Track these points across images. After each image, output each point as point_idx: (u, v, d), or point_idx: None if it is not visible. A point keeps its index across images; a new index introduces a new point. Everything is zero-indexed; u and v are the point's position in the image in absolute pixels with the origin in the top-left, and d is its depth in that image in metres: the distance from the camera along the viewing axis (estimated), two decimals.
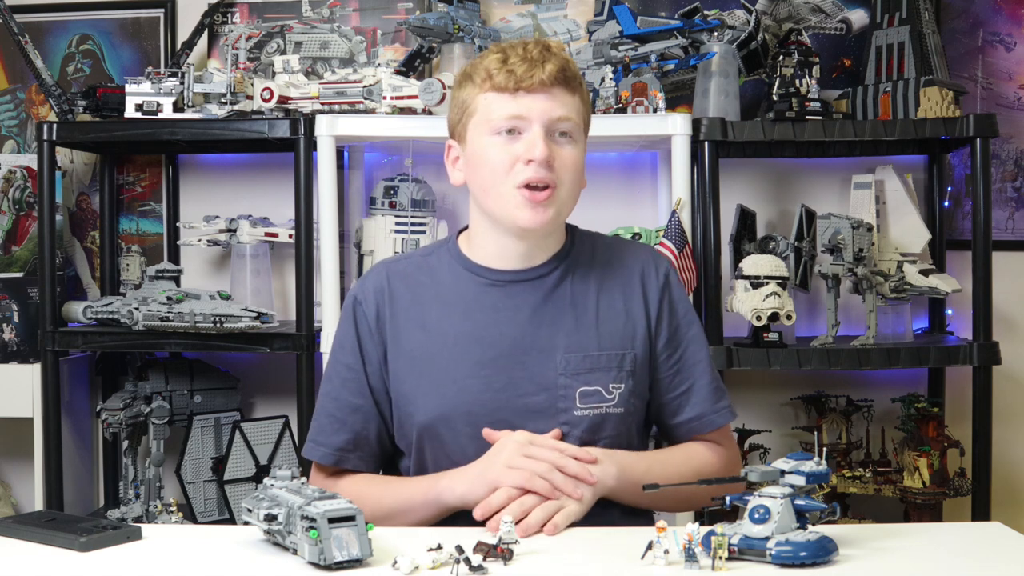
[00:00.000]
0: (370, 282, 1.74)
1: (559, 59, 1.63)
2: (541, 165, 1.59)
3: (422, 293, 1.71)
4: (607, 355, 1.66)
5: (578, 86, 1.65)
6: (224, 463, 2.89)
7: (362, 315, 1.72)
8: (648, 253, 1.78)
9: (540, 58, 1.61)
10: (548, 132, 1.61)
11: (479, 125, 1.64)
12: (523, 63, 1.60)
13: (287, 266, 3.01)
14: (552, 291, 1.68)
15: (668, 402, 1.72)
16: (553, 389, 1.63)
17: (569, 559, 1.39)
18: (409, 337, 1.69)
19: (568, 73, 1.63)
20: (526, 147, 1.60)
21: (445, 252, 1.75)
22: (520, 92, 1.60)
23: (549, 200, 1.61)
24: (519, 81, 1.60)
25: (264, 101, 2.73)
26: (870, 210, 2.75)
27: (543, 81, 1.60)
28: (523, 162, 1.60)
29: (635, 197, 3.02)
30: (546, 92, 1.61)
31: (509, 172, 1.61)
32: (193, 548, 1.47)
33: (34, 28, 3.05)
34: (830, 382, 2.95)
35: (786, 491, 1.35)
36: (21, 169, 3.04)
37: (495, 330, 1.66)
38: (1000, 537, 1.50)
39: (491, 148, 1.63)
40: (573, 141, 1.64)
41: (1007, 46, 3.00)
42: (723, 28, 2.83)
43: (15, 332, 2.90)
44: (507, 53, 1.63)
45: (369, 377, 1.70)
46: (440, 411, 1.65)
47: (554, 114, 1.61)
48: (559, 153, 1.62)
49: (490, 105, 1.62)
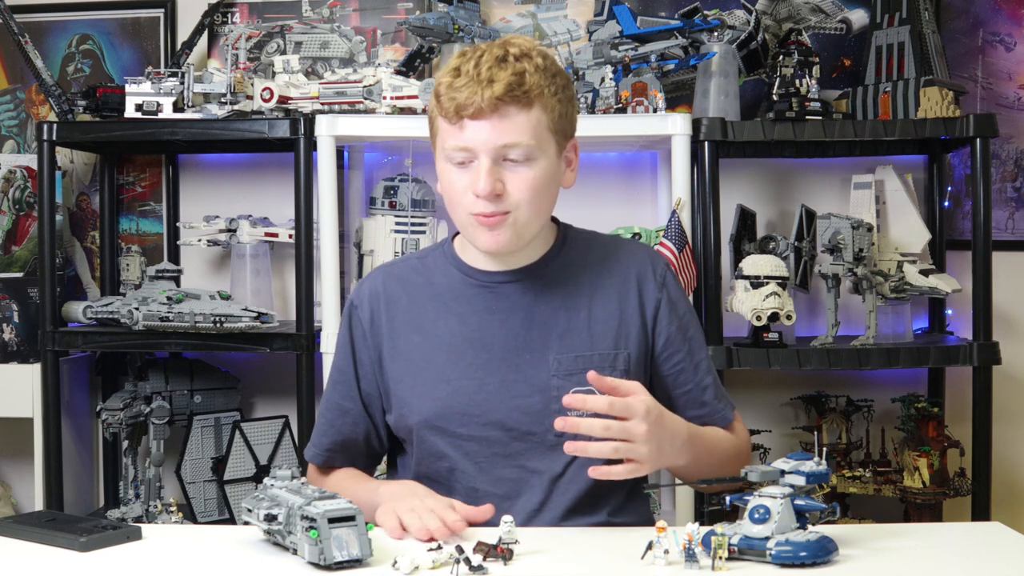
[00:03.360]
0: (366, 287, 1.75)
1: (510, 74, 1.53)
2: (488, 200, 1.56)
3: (418, 295, 1.72)
4: (599, 355, 1.65)
5: (537, 97, 1.56)
6: (224, 463, 2.89)
7: (357, 320, 1.73)
8: (645, 252, 1.76)
9: (488, 76, 1.53)
10: (496, 160, 1.56)
11: (439, 148, 1.62)
12: (468, 85, 1.53)
13: (287, 266, 3.01)
14: (544, 292, 1.68)
15: (672, 402, 1.71)
16: (546, 391, 1.63)
17: (569, 559, 1.39)
18: (406, 339, 1.69)
19: (520, 89, 1.54)
20: (472, 181, 1.56)
21: (440, 254, 1.75)
22: (464, 120, 1.54)
23: (502, 223, 1.58)
24: (461, 108, 1.53)
25: (264, 101, 2.73)
26: (870, 210, 2.75)
27: (486, 107, 1.52)
28: (472, 193, 1.57)
29: (635, 197, 3.02)
30: (490, 118, 1.54)
31: (462, 200, 1.59)
32: (193, 548, 1.47)
33: (34, 28, 3.05)
34: (830, 382, 2.95)
35: (786, 491, 1.35)
36: (21, 169, 3.04)
37: (488, 332, 1.66)
38: (1000, 537, 1.50)
39: (447, 174, 1.61)
40: (530, 161, 1.57)
41: (1007, 46, 3.00)
42: (723, 28, 2.83)
43: (15, 332, 2.90)
44: (460, 69, 1.55)
45: (360, 381, 1.72)
46: (435, 412, 1.65)
47: (500, 142, 1.54)
48: (510, 178, 1.57)
49: (442, 132, 1.59)
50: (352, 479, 1.76)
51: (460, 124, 1.55)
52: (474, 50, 1.58)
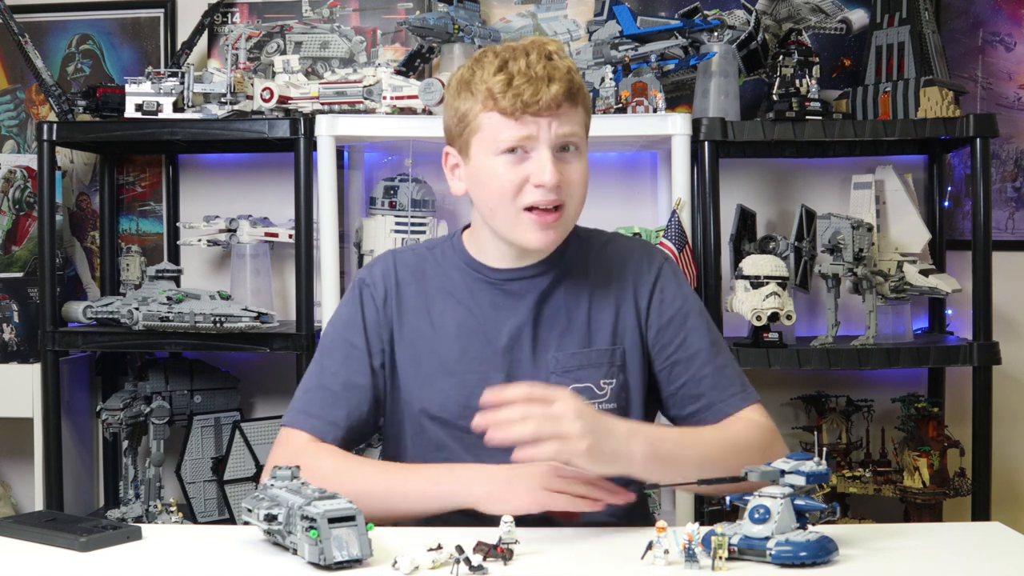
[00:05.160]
0: (378, 268, 1.74)
1: (563, 72, 1.58)
2: (551, 190, 1.57)
3: (426, 285, 1.72)
4: (597, 351, 1.67)
5: (582, 96, 1.62)
6: (224, 463, 2.89)
7: (369, 297, 1.71)
8: (643, 248, 1.77)
9: (545, 75, 1.56)
10: (555, 150, 1.59)
11: (483, 143, 1.61)
12: (528, 84, 1.55)
13: (287, 266, 3.01)
14: (548, 291, 1.69)
15: (669, 396, 1.70)
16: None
17: (569, 559, 1.39)
18: (412, 326, 1.70)
19: (573, 87, 1.59)
20: (535, 170, 1.57)
21: (449, 247, 1.75)
22: (526, 115, 1.57)
23: (558, 221, 1.60)
24: (526, 106, 1.56)
25: (264, 101, 2.73)
26: (870, 210, 2.75)
27: (550, 104, 1.56)
28: (532, 184, 1.58)
29: (635, 197, 3.02)
30: (554, 112, 1.57)
31: (517, 194, 1.59)
32: (193, 548, 1.47)
33: (34, 28, 3.05)
34: (830, 382, 2.94)
35: (786, 491, 1.35)
36: (21, 169, 3.04)
37: (493, 327, 1.67)
38: (1000, 537, 1.50)
39: (498, 168, 1.60)
40: (579, 153, 1.62)
41: (1007, 46, 3.00)
42: (723, 28, 2.83)
43: (15, 332, 2.90)
44: (510, 70, 1.57)
45: (372, 358, 1.69)
46: (438, 403, 1.66)
47: (561, 131, 1.58)
48: (566, 170, 1.59)
49: (495, 127, 1.59)
50: (379, 467, 1.67)
51: (519, 118, 1.57)
52: (507, 50, 1.60)
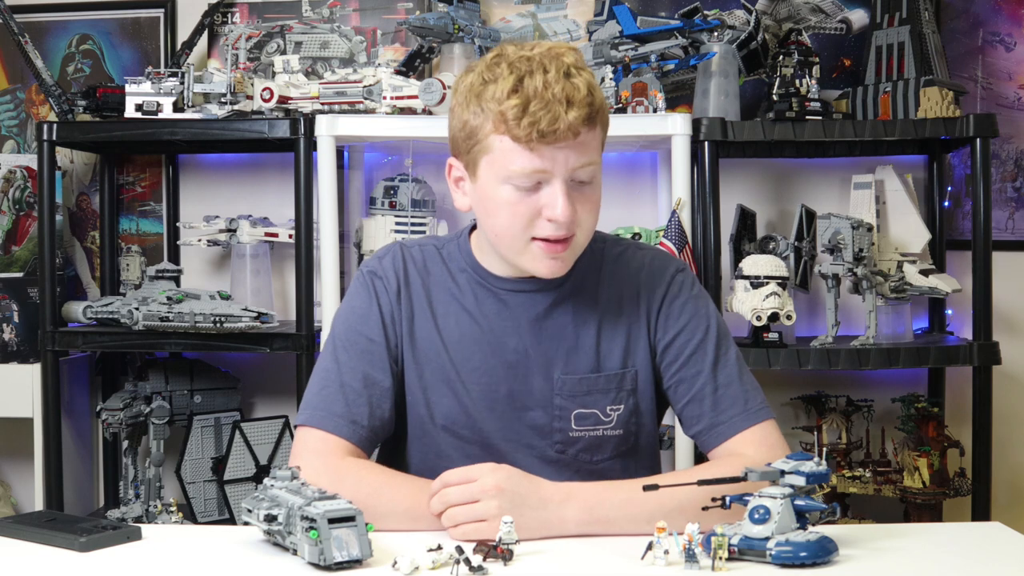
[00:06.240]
0: (388, 260, 1.66)
1: (584, 94, 1.46)
2: (562, 225, 1.49)
3: (433, 283, 1.65)
4: (605, 376, 1.61)
5: (601, 116, 1.51)
6: (224, 463, 2.89)
7: (383, 289, 1.64)
8: (657, 259, 1.68)
9: (564, 97, 1.44)
10: (567, 181, 1.48)
11: (493, 166, 1.50)
12: (545, 112, 1.43)
13: (287, 266, 3.01)
14: (554, 306, 1.62)
15: (678, 415, 1.66)
16: (549, 408, 1.60)
17: (569, 559, 1.39)
18: (419, 327, 1.63)
19: (593, 108, 1.47)
20: (547, 203, 1.48)
21: (456, 247, 1.68)
22: (542, 145, 1.45)
23: (567, 250, 1.52)
24: (542, 136, 1.44)
25: (264, 101, 2.73)
26: (870, 210, 2.75)
27: (567, 133, 1.44)
28: (544, 218, 1.49)
29: (635, 197, 3.02)
30: (570, 141, 1.46)
31: (527, 226, 1.50)
32: (193, 548, 1.47)
33: (34, 28, 3.05)
34: (830, 382, 2.94)
35: (786, 491, 1.35)
36: (21, 169, 3.04)
37: (497, 338, 1.61)
38: (1000, 537, 1.50)
39: (508, 196, 1.50)
40: (593, 180, 1.51)
41: (1007, 46, 3.00)
42: (723, 28, 2.83)
43: (15, 332, 2.90)
44: (526, 91, 1.44)
45: (390, 352, 1.61)
46: (442, 412, 1.61)
47: (577, 164, 1.47)
48: (579, 200, 1.50)
49: (507, 153, 1.47)
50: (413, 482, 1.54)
51: (534, 148, 1.46)
52: (522, 61, 1.48)
